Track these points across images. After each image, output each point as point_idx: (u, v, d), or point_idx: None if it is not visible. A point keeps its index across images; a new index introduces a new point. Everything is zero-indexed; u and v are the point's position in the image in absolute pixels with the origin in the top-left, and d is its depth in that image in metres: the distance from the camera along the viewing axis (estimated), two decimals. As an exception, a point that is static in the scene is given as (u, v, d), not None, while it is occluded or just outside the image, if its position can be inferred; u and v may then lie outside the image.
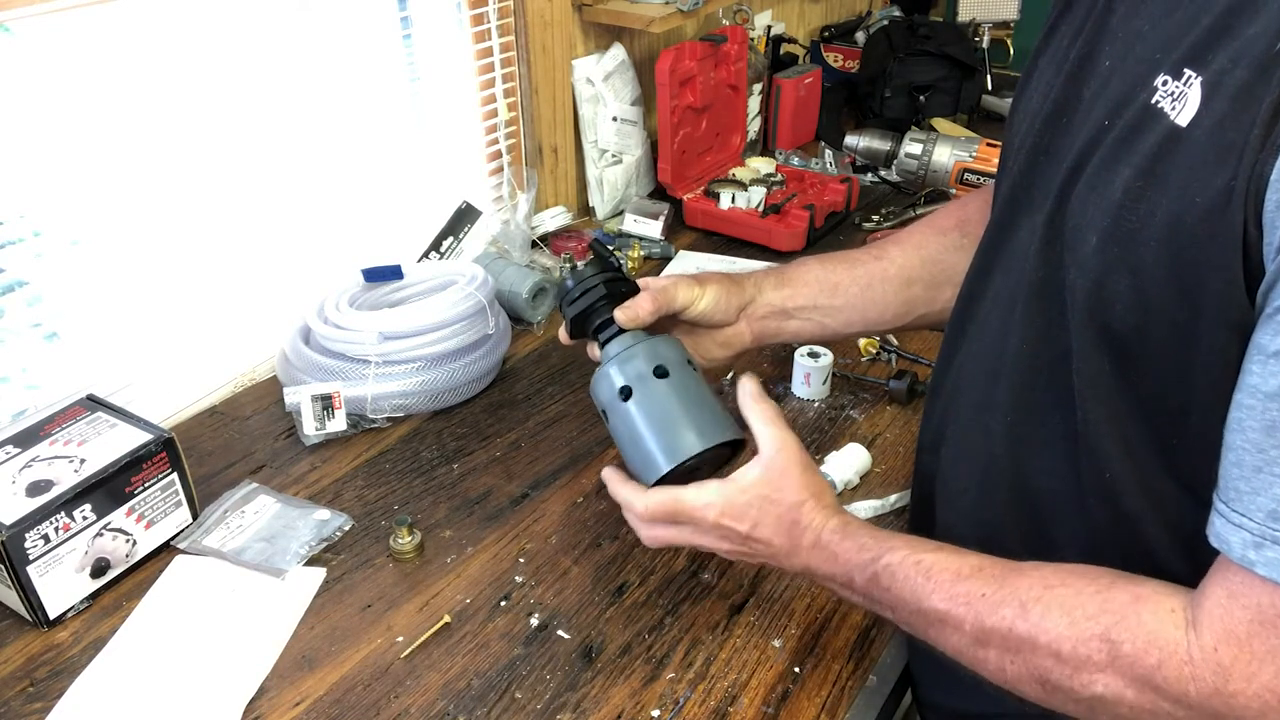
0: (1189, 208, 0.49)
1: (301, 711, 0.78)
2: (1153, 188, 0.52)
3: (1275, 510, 0.48)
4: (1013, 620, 0.58)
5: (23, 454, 0.88)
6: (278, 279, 1.26)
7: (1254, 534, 0.49)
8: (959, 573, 0.62)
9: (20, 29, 0.93)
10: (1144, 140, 0.53)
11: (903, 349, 1.24)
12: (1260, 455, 0.48)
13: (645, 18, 1.46)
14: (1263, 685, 0.49)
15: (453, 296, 1.15)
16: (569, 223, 1.58)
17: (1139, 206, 0.52)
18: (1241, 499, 0.50)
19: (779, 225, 1.53)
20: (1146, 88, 0.53)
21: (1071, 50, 0.63)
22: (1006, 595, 0.59)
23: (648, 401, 0.76)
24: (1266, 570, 0.48)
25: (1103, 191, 0.55)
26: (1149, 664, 0.53)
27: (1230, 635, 0.50)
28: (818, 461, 1.05)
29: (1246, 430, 0.49)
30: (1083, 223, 0.57)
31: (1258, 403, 0.48)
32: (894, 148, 1.73)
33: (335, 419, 1.08)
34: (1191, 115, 0.50)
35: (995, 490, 0.70)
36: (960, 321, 0.75)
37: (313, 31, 1.22)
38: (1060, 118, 0.62)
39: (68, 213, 1.03)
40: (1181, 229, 0.50)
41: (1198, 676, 0.51)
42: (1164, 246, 0.51)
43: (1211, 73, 0.50)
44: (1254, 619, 0.50)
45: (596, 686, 0.80)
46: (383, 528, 0.97)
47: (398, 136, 1.39)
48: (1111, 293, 0.55)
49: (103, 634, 0.85)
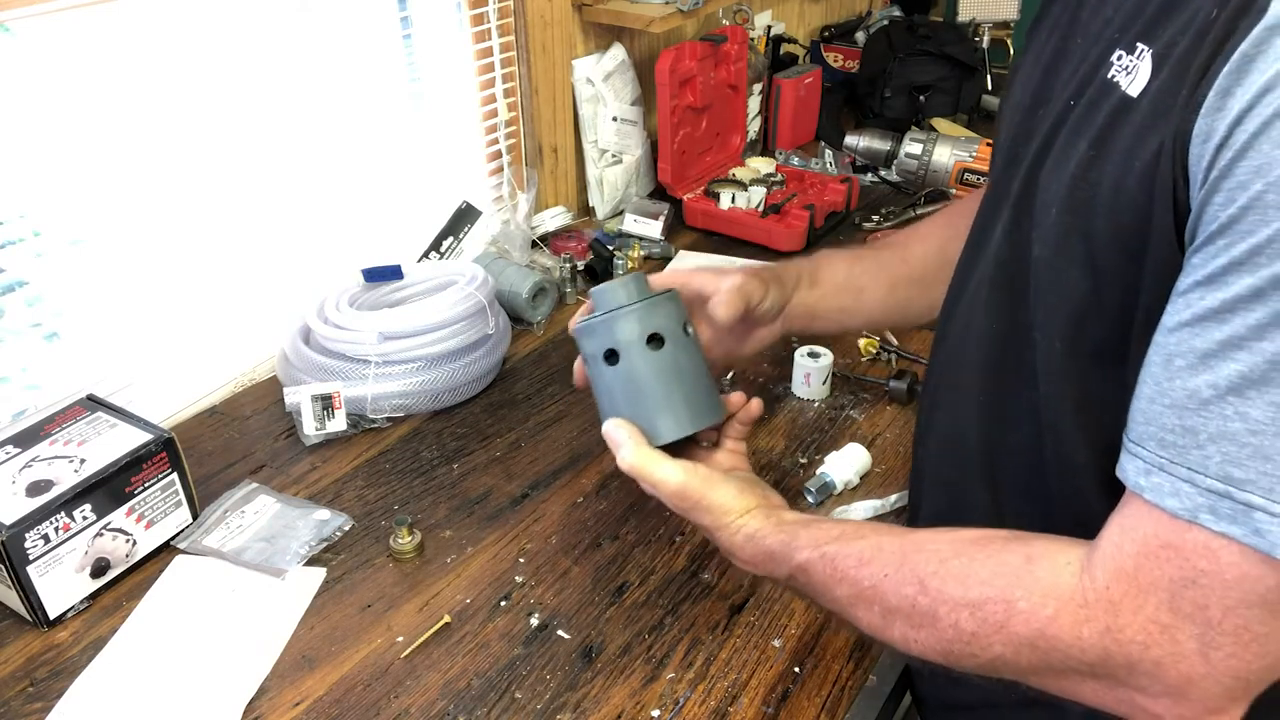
0: (1128, 172, 0.51)
1: (301, 711, 0.78)
2: (1103, 156, 0.53)
3: (1164, 439, 0.49)
4: (914, 597, 0.59)
5: (23, 454, 0.88)
6: (278, 279, 1.26)
7: (1146, 461, 0.50)
8: (860, 558, 0.64)
9: (20, 29, 0.93)
10: (1099, 113, 0.54)
11: (903, 349, 1.24)
12: (1155, 387, 0.49)
13: (645, 18, 1.46)
14: (1147, 617, 0.50)
15: (453, 296, 1.15)
16: (569, 223, 1.58)
17: (1090, 175, 0.54)
18: (1138, 429, 0.51)
19: (779, 225, 1.53)
20: (1105, 64, 0.55)
21: (1048, 45, 0.65)
22: (906, 574, 0.61)
23: (640, 368, 0.72)
24: (1153, 496, 0.49)
25: (1064, 166, 0.56)
26: (1044, 615, 0.53)
27: (1120, 571, 0.51)
28: (817, 461, 1.05)
29: (1150, 365, 0.50)
30: (1046, 199, 0.58)
31: (1161, 337, 0.49)
32: (894, 148, 1.74)
33: (335, 419, 1.08)
34: (1141, 85, 0.51)
35: (968, 473, 0.72)
36: (946, 314, 0.76)
37: (313, 32, 1.22)
38: (1036, 110, 0.64)
39: (68, 213, 1.03)
40: (1123, 192, 0.51)
41: (1091, 618, 0.52)
42: (1109, 212, 0.53)
43: (1161, 44, 0.51)
44: (1140, 551, 0.50)
45: (596, 686, 0.80)
46: (383, 528, 0.97)
47: (398, 136, 1.39)
48: (1068, 262, 0.56)
49: (103, 634, 0.85)
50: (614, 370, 0.73)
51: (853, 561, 0.64)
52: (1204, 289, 0.47)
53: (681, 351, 0.73)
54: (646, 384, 0.72)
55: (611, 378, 0.73)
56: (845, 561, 0.65)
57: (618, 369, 0.72)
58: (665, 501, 0.73)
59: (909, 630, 0.61)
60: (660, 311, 0.72)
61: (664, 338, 0.72)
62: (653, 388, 0.72)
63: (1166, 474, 0.49)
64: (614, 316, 0.72)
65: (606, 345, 0.73)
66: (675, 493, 0.72)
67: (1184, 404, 0.48)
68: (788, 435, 1.11)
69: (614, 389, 0.73)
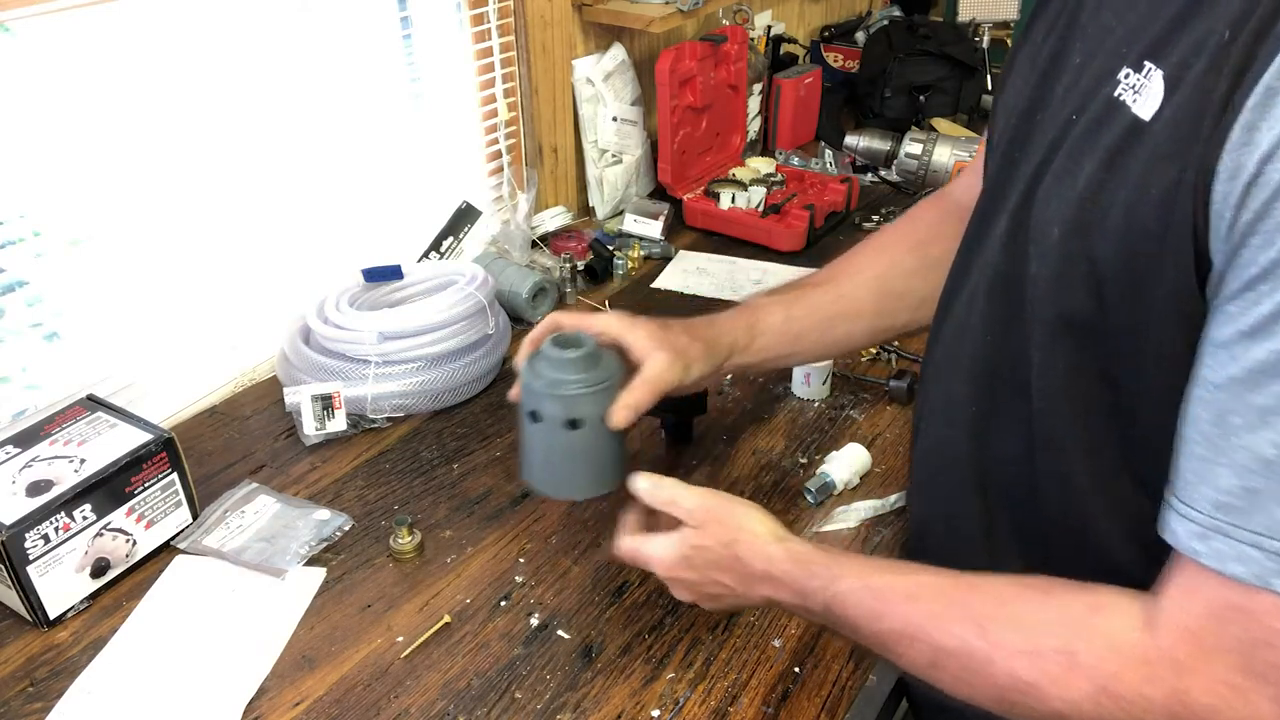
0: (1143, 199, 0.50)
1: (301, 711, 0.78)
2: (1113, 180, 0.52)
3: (1221, 501, 0.48)
4: (969, 639, 0.57)
5: (23, 454, 0.88)
6: (278, 279, 1.26)
7: (1200, 525, 0.49)
8: (909, 594, 0.62)
9: (20, 29, 0.93)
10: (1107, 133, 0.53)
11: (903, 349, 1.24)
12: (1208, 446, 0.48)
13: (645, 18, 1.46)
14: (1218, 679, 0.49)
15: (453, 296, 1.15)
16: (569, 223, 1.58)
17: (1099, 199, 0.53)
18: (1189, 489, 0.50)
19: (779, 225, 1.53)
20: (1110, 81, 0.54)
21: (1044, 47, 0.64)
22: (960, 613, 0.59)
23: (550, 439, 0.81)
24: (1211, 561, 0.48)
25: (1068, 184, 0.55)
26: (1108, 671, 0.52)
27: (1185, 631, 0.50)
28: (817, 461, 1.05)
29: (1197, 422, 0.49)
30: (1046, 215, 0.57)
31: (1207, 394, 0.48)
32: (894, 148, 1.74)
33: (335, 419, 1.08)
34: (1154, 109, 0.50)
35: (959, 481, 0.71)
36: (940, 318, 0.76)
37: (313, 32, 1.22)
38: (1033, 114, 0.63)
39: (68, 213, 1.03)
40: (1136, 221, 0.50)
41: (1156, 677, 0.51)
42: (1120, 238, 0.51)
43: (1172, 65, 0.50)
44: (1205, 612, 0.49)
45: (596, 686, 0.80)
46: (383, 528, 0.97)
47: (398, 136, 1.39)
48: (1070, 283, 0.55)
49: (103, 634, 0.85)
50: (534, 427, 0.81)
51: (900, 595, 0.62)
52: (1251, 340, 0.45)
53: (594, 434, 0.80)
54: (555, 454, 0.82)
55: (531, 432, 0.82)
56: (892, 595, 0.62)
57: (539, 428, 0.81)
58: (678, 536, 0.72)
59: (960, 673, 0.59)
60: (586, 402, 0.79)
61: (582, 423, 0.80)
62: (560, 457, 0.82)
63: (1228, 539, 0.47)
64: (544, 394, 0.79)
65: (532, 408, 0.81)
66: (698, 506, 0.71)
67: (1245, 464, 0.46)
68: (788, 435, 1.11)
69: (532, 441, 0.82)
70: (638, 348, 0.82)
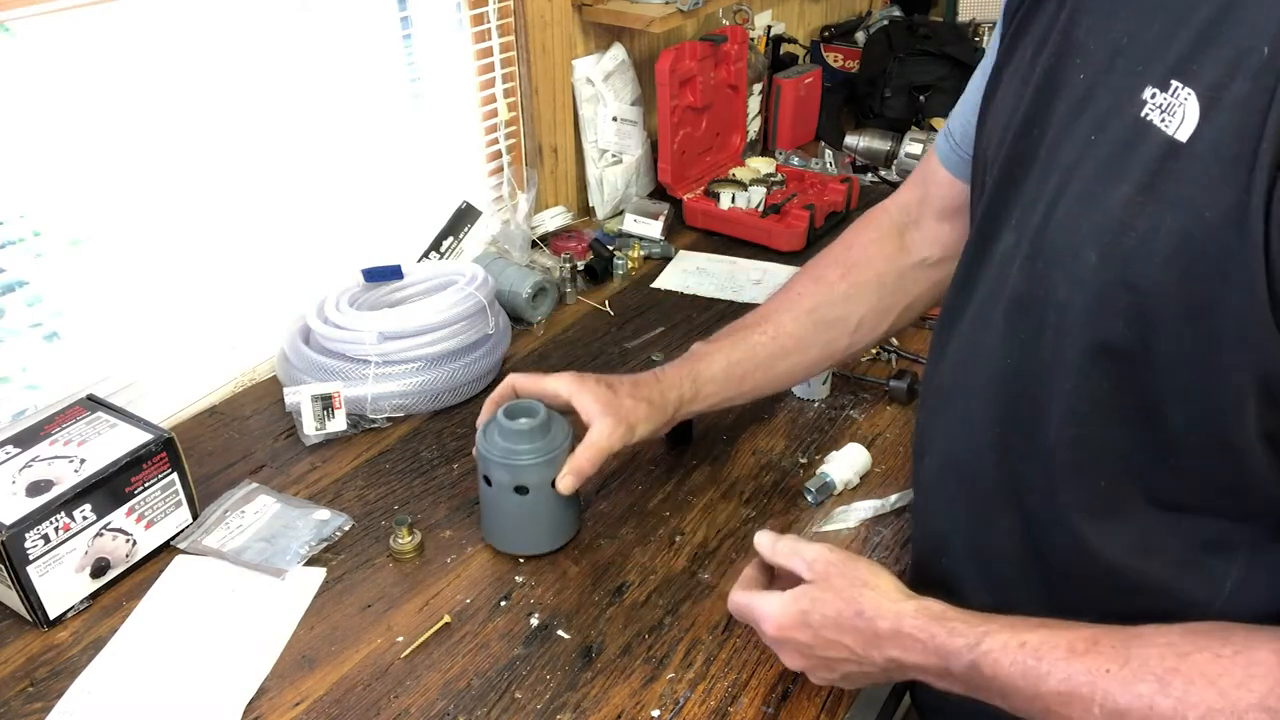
0: (1196, 223, 0.49)
1: (301, 711, 0.78)
2: (1153, 203, 0.51)
3: None
4: (1152, 697, 0.53)
5: (23, 454, 0.88)
6: (278, 279, 1.26)
7: None
8: (1072, 649, 0.57)
9: (20, 29, 0.93)
10: (1139, 155, 0.52)
11: (903, 349, 1.24)
12: None
13: (645, 18, 1.46)
14: None
15: (453, 296, 1.15)
16: (569, 223, 1.58)
17: (1138, 223, 0.52)
18: None
19: (779, 225, 1.53)
20: (1134, 101, 0.53)
21: (1036, 63, 0.63)
22: (1136, 669, 0.54)
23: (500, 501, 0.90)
24: None
25: (1097, 207, 0.54)
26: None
27: None
28: (817, 461, 1.05)
29: None
30: (1076, 239, 0.56)
31: None
32: (894, 148, 1.74)
33: (335, 419, 1.08)
34: (1191, 129, 0.49)
35: (984, 502, 0.70)
36: (944, 334, 0.74)
37: (313, 32, 1.22)
38: (1031, 130, 0.62)
39: (68, 213, 1.03)
40: (1190, 245, 0.49)
41: None
42: (1170, 263, 0.50)
43: (1206, 85, 0.49)
44: None
45: (596, 686, 0.80)
46: (383, 528, 0.97)
47: (398, 136, 1.39)
48: (1111, 309, 0.54)
49: (103, 634, 0.85)
50: (488, 490, 0.90)
51: (1062, 652, 0.57)
52: None
53: (542, 498, 0.89)
54: (507, 515, 0.92)
55: (485, 493, 0.91)
56: (1053, 652, 0.57)
57: (492, 491, 0.90)
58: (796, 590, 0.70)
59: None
60: (533, 471, 0.87)
61: (529, 490, 0.88)
62: (511, 519, 0.92)
63: None
64: (495, 462, 0.87)
65: (485, 473, 0.89)
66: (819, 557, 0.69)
67: None
68: (788, 435, 1.11)
69: (486, 501, 0.92)
70: (584, 411, 0.88)
